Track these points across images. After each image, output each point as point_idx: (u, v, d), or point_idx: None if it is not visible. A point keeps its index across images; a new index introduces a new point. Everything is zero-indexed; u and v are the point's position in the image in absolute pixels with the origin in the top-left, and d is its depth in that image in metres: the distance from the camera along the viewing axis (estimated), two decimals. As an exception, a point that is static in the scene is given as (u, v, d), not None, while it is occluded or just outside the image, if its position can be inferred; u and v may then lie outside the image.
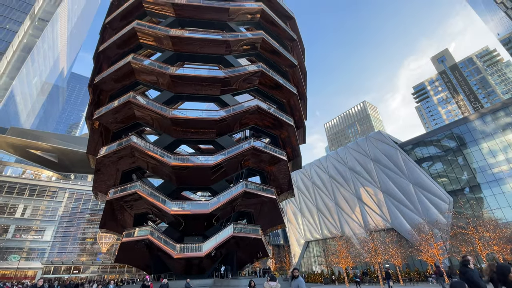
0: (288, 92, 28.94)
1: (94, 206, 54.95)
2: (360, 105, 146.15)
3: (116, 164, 24.82)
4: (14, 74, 63.34)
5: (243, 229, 23.27)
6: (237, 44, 27.93)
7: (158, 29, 26.32)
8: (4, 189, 47.94)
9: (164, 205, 21.68)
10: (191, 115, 24.92)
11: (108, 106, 24.86)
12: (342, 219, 48.00)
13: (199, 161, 23.92)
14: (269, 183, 27.64)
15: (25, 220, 48.59)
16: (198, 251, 20.85)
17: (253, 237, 22.83)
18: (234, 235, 21.55)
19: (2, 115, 62.11)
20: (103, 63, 28.77)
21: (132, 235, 22.08)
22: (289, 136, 28.41)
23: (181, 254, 20.63)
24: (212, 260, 22.58)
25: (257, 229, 23.54)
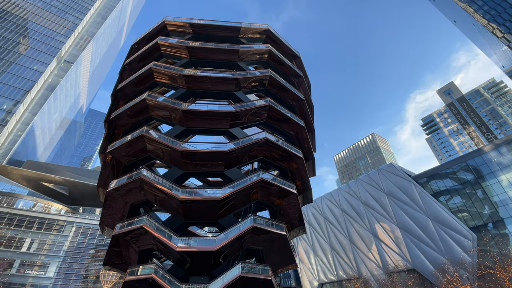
0: (296, 124, 29.41)
1: (100, 241, 53.71)
2: (369, 137, 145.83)
3: (125, 197, 24.81)
4: (37, 110, 67.68)
5: (251, 269, 21.87)
6: (246, 81, 29.40)
7: (173, 69, 28.25)
8: (14, 222, 48.01)
9: (170, 241, 20.95)
10: (200, 147, 25.36)
11: (121, 140, 25.73)
12: (358, 258, 44.75)
13: (207, 194, 23.63)
14: (279, 218, 26.68)
15: (30, 254, 47.62)
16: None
17: (262, 278, 21.32)
18: (242, 275, 20.21)
19: (21, 149, 64.93)
20: (120, 100, 30.53)
21: (136, 273, 21.03)
22: (298, 168, 28.13)
23: (186, 296, 19.29)
24: (218, 303, 20.92)
25: (266, 269, 22.07)
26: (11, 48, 65.39)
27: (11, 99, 59.76)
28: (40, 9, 76.16)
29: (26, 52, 67.70)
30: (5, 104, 58.74)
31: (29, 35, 70.79)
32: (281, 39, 35.15)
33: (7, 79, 61.22)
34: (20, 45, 67.83)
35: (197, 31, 32.82)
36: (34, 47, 69.68)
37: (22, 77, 63.41)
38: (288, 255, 24.82)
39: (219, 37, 32.91)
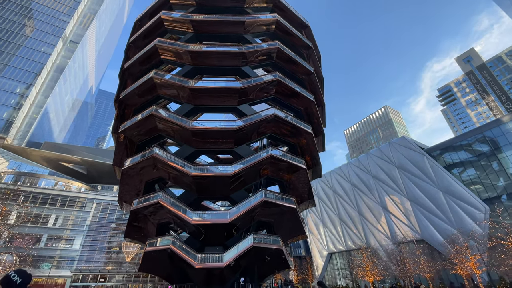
0: (305, 99, 28.79)
1: (120, 216, 57.00)
2: (382, 110, 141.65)
3: (140, 174, 25.77)
4: (48, 92, 68.83)
5: (263, 239, 22.96)
6: (253, 55, 28.47)
7: (178, 45, 27.55)
8: (38, 200, 51.28)
9: (185, 215, 22.03)
10: (209, 126, 25.51)
11: (132, 120, 26.12)
12: (367, 229, 45.87)
13: (218, 171, 24.19)
14: (288, 192, 27.25)
15: (56, 229, 51.39)
16: (219, 261, 20.78)
17: (273, 247, 22.41)
18: (254, 245, 21.29)
19: (38, 131, 67.26)
20: (127, 79, 30.46)
21: (154, 245, 22.54)
22: (307, 144, 28.05)
23: (202, 265, 20.66)
24: (233, 270, 22.36)
25: (277, 240, 23.11)
26: (17, 30, 65.04)
27: (23, 83, 60.76)
28: (40, -14, 74.16)
29: (32, 34, 67.26)
30: (18, 87, 59.91)
31: (34, 16, 69.78)
32: (289, 7, 33.21)
33: (17, 62, 61.75)
34: (26, 27, 67.27)
35: (200, 3, 31.36)
36: (39, 28, 68.93)
37: (31, 60, 63.74)
38: (298, 226, 25.71)
39: (224, 8, 31.42)
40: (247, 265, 23.51)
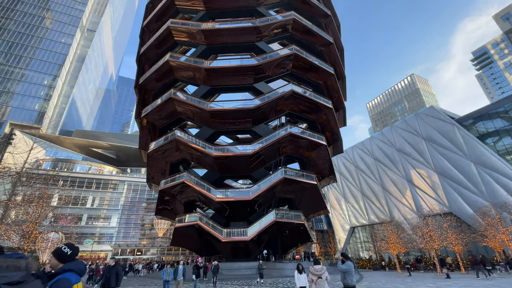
0: (325, 72, 27.58)
1: (149, 196, 60.88)
2: (408, 79, 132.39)
3: (164, 157, 26.93)
4: (73, 82, 71.92)
5: (285, 214, 23.59)
6: (268, 28, 27.30)
7: (191, 25, 27.06)
8: (76, 183, 55.90)
9: (209, 193, 23.04)
10: (227, 106, 25.57)
11: (152, 105, 26.83)
12: (390, 203, 45.22)
13: (238, 151, 24.59)
14: (309, 169, 27.23)
15: (94, 209, 56.29)
16: (244, 235, 21.84)
17: (295, 222, 23.01)
18: (276, 220, 21.99)
19: (68, 119, 71.54)
20: (145, 64, 30.85)
21: (183, 221, 24.07)
22: (327, 119, 27.32)
23: (228, 238, 21.86)
24: (257, 244, 23.47)
25: (299, 215, 23.62)
26: (38, 23, 67.08)
27: (49, 74, 63.78)
28: (53, -24, 74.71)
29: (52, 26, 69.14)
30: (45, 79, 63.12)
31: (51, 7, 71.16)
32: (304, -27, 30.82)
33: (42, 55, 64.46)
34: (46, 19, 69.08)
35: (210, -22, 30.02)
36: (58, 19, 70.45)
37: (54, 52, 66.15)
38: (319, 202, 25.95)
39: (235, -19, 29.86)
40: (270, 238, 24.51)
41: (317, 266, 6.52)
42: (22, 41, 63.25)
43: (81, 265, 2.36)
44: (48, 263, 2.83)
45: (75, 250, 2.40)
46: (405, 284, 15.80)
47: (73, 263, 2.31)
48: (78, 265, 2.33)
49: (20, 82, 59.56)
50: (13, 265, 1.43)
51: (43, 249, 26.35)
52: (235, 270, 21.60)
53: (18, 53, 61.71)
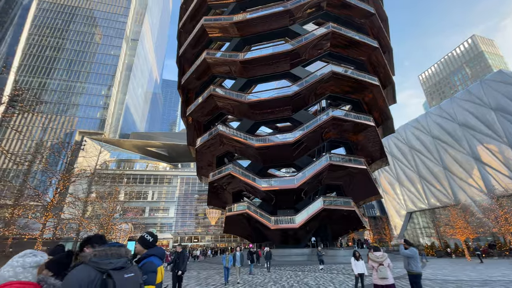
0: (367, 47, 25.34)
1: (200, 188, 65.35)
2: (468, 42, 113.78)
3: (210, 151, 28.37)
4: (125, 90, 79.69)
5: (333, 201, 22.95)
6: (301, 9, 26.02)
7: (223, 19, 27.33)
8: (137, 180, 62.83)
9: (255, 183, 23.64)
10: (264, 96, 25.45)
11: (195, 103, 28.26)
12: (454, 185, 40.39)
13: (278, 140, 24.48)
14: (356, 153, 25.80)
15: (154, 202, 62.78)
16: (292, 223, 21.99)
17: (345, 209, 22.23)
18: (324, 207, 21.55)
19: (124, 124, 80.00)
20: (184, 65, 32.43)
21: (232, 210, 25.31)
22: (374, 98, 25.27)
23: (277, 226, 22.27)
24: (306, 231, 23.43)
25: (348, 201, 22.74)
26: (89, 40, 75.41)
27: (104, 85, 71.72)
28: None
29: (102, 41, 77.01)
30: (102, 90, 71.21)
31: (99, 23, 79.14)
32: None
33: (95, 67, 72.61)
34: (95, 35, 77.29)
35: (237, -33, 29.64)
36: (105, 34, 78.19)
37: (106, 64, 73.90)
38: (370, 187, 24.55)
39: (262, -34, 28.95)
40: (319, 226, 24.22)
41: (377, 252, 6.23)
42: (79, 58, 71.87)
43: (161, 250, 2.70)
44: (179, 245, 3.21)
45: (155, 237, 2.74)
46: (477, 271, 14.14)
47: (155, 249, 2.65)
48: (159, 250, 2.67)
49: (82, 95, 68.20)
50: (116, 252, 1.69)
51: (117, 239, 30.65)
52: (286, 256, 22.02)
53: (77, 69, 70.38)
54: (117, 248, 1.75)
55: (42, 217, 12.38)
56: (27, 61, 67.20)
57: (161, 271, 2.63)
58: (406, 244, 6.65)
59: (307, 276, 12.85)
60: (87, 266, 1.56)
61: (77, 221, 15.76)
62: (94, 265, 1.57)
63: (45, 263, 1.69)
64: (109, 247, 1.72)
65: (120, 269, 1.63)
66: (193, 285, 11.20)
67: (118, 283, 1.55)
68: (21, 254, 1.58)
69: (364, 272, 8.16)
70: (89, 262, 1.58)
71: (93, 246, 1.96)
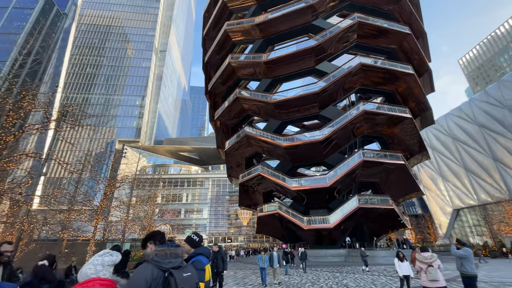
0: (398, 34, 23.84)
1: (230, 189, 66.71)
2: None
3: (239, 152, 28.85)
4: (157, 99, 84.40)
5: (369, 200, 21.92)
6: (323, 3, 25.35)
7: (245, 22, 27.69)
8: (172, 183, 66.10)
9: (285, 183, 23.50)
10: (290, 95, 25.19)
11: (222, 107, 28.95)
12: (507, 177, 36.16)
13: (306, 138, 24.03)
14: (392, 147, 24.35)
15: (189, 204, 65.48)
16: (326, 223, 21.42)
17: (383, 207, 21.08)
18: (360, 206, 20.66)
19: (158, 131, 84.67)
20: (210, 71, 33.42)
21: (263, 211, 25.42)
22: (409, 87, 23.66)
23: (310, 226, 21.86)
24: (341, 231, 22.66)
25: (386, 199, 21.52)
26: (123, 55, 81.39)
27: (139, 96, 76.81)
28: (128, 13, 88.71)
29: (134, 55, 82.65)
30: (137, 100, 76.33)
31: (130, 39, 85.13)
32: None
33: (129, 80, 78.13)
34: (128, 50, 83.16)
35: (256, -31, 29.80)
36: (136, 48, 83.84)
37: (138, 76, 79.14)
38: (409, 183, 23.01)
39: (281, -36, 28.73)
40: (356, 225, 23.27)
41: (425, 253, 5.83)
42: (114, 72, 77.87)
43: (208, 250, 2.83)
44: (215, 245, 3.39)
45: (200, 237, 2.88)
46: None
47: (201, 248, 2.79)
48: (206, 249, 2.81)
49: (119, 106, 73.75)
50: (174, 252, 1.84)
51: (157, 239, 32.54)
52: (322, 257, 21.50)
53: (114, 83, 76.31)
54: (175, 248, 1.88)
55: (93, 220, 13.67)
56: (71, 79, 74.51)
57: (208, 269, 2.74)
58: (458, 243, 6.13)
59: (346, 277, 12.43)
60: (150, 265, 1.71)
61: (122, 223, 17.12)
62: (156, 264, 1.71)
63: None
64: (168, 247, 1.85)
65: (178, 268, 1.75)
66: (231, 284, 11.46)
67: (179, 281, 1.67)
68: (100, 254, 1.78)
69: (410, 274, 7.67)
70: (151, 261, 1.73)
71: (155, 243, 2.13)
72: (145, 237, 2.24)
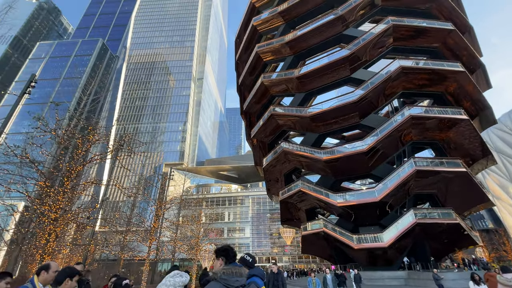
0: (440, 32, 22.14)
1: (271, 207, 65.89)
2: None
3: (277, 169, 28.70)
4: (197, 123, 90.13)
5: (428, 214, 19.59)
6: (353, 12, 25.01)
7: (275, 42, 28.60)
8: (214, 203, 67.98)
9: (328, 198, 22.39)
10: (325, 106, 24.64)
11: (257, 125, 29.56)
12: None
13: (347, 150, 22.90)
14: (448, 154, 21.82)
15: (231, 223, 66.13)
16: (379, 241, 19.60)
17: (445, 222, 18.60)
18: (418, 221, 18.54)
19: (199, 153, 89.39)
20: (244, 92, 34.77)
21: (307, 229, 24.34)
22: (460, 86, 21.38)
23: (361, 245, 20.19)
24: (398, 250, 20.43)
25: (449, 213, 19.00)
26: (166, 86, 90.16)
27: (181, 122, 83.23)
28: (169, 48, 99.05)
29: (175, 85, 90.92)
30: (179, 126, 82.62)
31: (171, 71, 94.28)
32: None
33: (172, 108, 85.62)
34: (170, 81, 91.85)
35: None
36: (177, 78, 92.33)
37: (180, 104, 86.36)
38: (474, 193, 20.13)
39: (306, -17, 29.50)
40: (414, 244, 20.80)
41: (508, 274, 4.94)
42: (159, 102, 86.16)
43: (262, 271, 2.80)
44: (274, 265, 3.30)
45: (254, 258, 2.88)
46: None
47: (256, 269, 2.77)
48: (260, 271, 2.78)
49: (164, 133, 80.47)
50: (238, 272, 1.89)
51: (203, 258, 33.19)
52: (377, 280, 19.46)
53: (159, 112, 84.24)
54: (239, 268, 1.93)
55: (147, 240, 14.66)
56: (123, 112, 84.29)
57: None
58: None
59: (409, 304, 10.98)
60: (218, 283, 1.78)
61: (172, 243, 17.98)
62: (224, 282, 1.78)
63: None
64: (233, 266, 1.92)
65: (243, 287, 1.79)
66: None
67: None
68: (171, 275, 1.92)
69: (491, 301, 6.49)
70: (219, 279, 1.80)
71: (226, 259, 2.20)
72: (220, 248, 2.31)
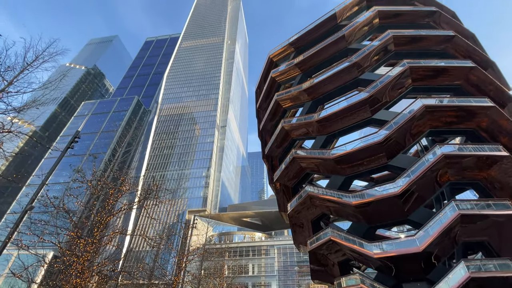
0: (459, 70, 22.10)
1: (299, 258, 60.54)
2: None
3: (303, 215, 27.18)
4: (220, 168, 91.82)
5: (482, 266, 16.70)
6: (367, 59, 26.19)
7: (293, 90, 30.11)
8: (237, 253, 64.16)
9: (363, 248, 20.22)
10: (349, 148, 24.13)
11: (280, 169, 29.33)
12: None
13: (378, 193, 21.39)
14: (494, 194, 19.55)
15: (255, 277, 60.90)
16: (429, 301, 16.68)
17: (506, 275, 15.63)
18: (471, 276, 15.77)
19: (222, 198, 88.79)
20: (265, 136, 35.65)
21: (341, 285, 21.58)
22: (493, 121, 20.23)
23: (408, 306, 17.25)
24: (455, 314, 17.05)
25: (507, 264, 16.09)
26: (191, 135, 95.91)
27: (204, 167, 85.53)
28: (195, 101, 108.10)
29: (200, 133, 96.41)
30: (203, 172, 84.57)
31: (197, 121, 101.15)
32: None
33: (197, 155, 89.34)
34: (196, 130, 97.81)
35: (297, 46, 33.91)
36: (202, 127, 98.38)
37: (204, 150, 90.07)
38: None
39: (319, 36, 32.12)
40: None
41: None
42: (185, 150, 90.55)
43: None
44: None
45: None
46: None
47: None
48: None
49: (188, 179, 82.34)
50: None
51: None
52: None
53: (185, 159, 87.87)
54: None
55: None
56: (152, 161, 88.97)
57: None
58: None
59: None
60: None
61: (194, 300, 16.71)
62: None
63: None
64: None
65: None
66: None
67: None
68: None
69: None
70: None
71: None
72: None
